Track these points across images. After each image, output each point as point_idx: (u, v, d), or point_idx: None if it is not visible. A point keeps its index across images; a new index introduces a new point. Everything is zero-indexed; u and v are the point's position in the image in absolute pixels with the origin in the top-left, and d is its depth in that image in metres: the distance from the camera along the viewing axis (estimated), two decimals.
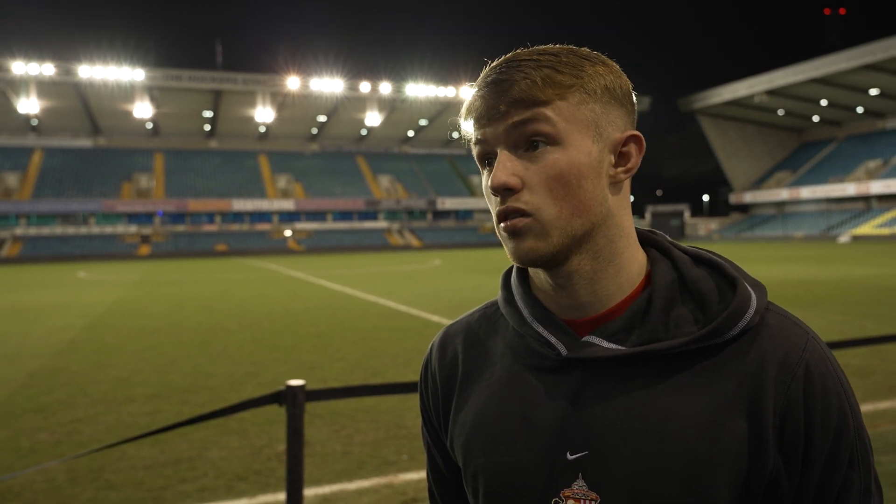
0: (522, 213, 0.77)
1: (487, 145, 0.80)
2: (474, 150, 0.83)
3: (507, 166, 0.77)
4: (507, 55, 0.81)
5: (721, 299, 0.79)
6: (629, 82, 0.83)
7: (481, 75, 0.82)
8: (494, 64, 0.81)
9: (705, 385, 0.76)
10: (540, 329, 0.83)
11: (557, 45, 0.82)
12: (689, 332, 0.77)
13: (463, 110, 0.84)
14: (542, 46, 0.82)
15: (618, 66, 0.83)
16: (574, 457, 0.78)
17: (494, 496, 0.82)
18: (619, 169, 0.81)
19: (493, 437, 0.83)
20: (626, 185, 0.83)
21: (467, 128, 0.83)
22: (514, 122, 0.77)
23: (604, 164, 0.79)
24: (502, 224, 0.79)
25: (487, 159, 0.81)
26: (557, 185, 0.77)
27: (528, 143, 0.77)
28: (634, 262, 0.83)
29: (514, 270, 0.92)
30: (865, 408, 5.60)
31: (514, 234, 0.78)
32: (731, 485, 0.74)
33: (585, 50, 0.82)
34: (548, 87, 0.76)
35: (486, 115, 0.79)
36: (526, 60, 0.78)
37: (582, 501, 0.77)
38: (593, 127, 0.78)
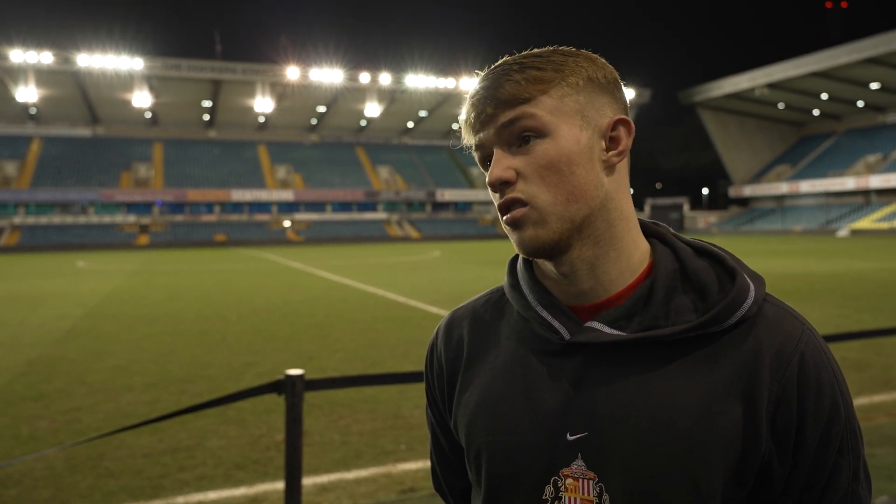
0: (520, 203, 0.81)
1: (485, 148, 0.85)
2: (476, 156, 0.87)
3: (502, 162, 0.82)
4: (496, 63, 0.86)
5: (720, 289, 0.82)
6: (615, 71, 0.87)
7: (472, 86, 0.87)
8: (483, 74, 0.86)
9: (703, 371, 0.79)
10: (543, 313, 0.86)
11: (544, 48, 0.86)
12: (689, 321, 0.80)
13: (460, 122, 0.88)
14: (527, 51, 0.85)
15: (602, 59, 0.87)
16: (573, 437, 0.80)
17: (497, 475, 0.85)
18: (611, 153, 0.84)
19: (497, 417, 0.85)
20: (624, 169, 0.86)
21: (466, 137, 0.88)
22: (503, 122, 0.81)
23: (595, 150, 0.83)
24: (504, 217, 0.83)
25: (487, 161, 0.86)
26: (549, 173, 0.80)
27: (520, 139, 0.81)
28: (636, 249, 0.85)
29: (521, 257, 0.94)
30: (861, 401, 5.63)
31: (514, 225, 0.82)
32: (725, 468, 0.76)
33: (569, 48, 0.86)
34: (530, 84, 0.81)
35: (477, 120, 0.84)
36: (511, 65, 0.83)
37: (580, 480, 0.79)
38: (579, 116, 0.82)
